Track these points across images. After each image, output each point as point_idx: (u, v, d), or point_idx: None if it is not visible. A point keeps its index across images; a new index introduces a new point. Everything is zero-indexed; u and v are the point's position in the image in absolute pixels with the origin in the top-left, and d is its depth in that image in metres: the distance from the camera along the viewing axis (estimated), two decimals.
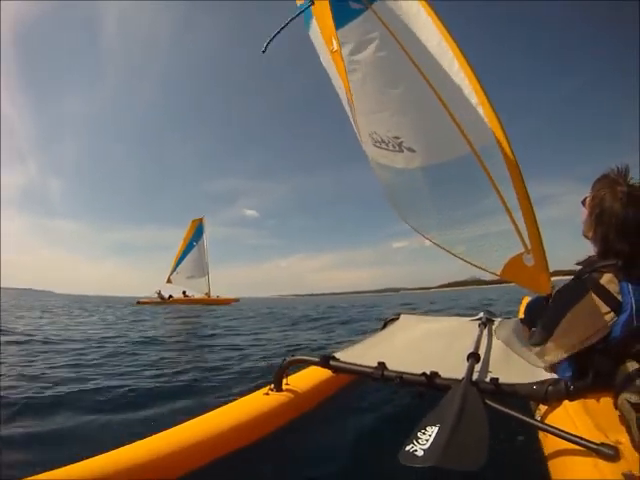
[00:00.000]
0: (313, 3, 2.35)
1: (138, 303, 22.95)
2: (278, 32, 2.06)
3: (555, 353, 1.43)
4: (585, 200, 1.59)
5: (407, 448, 0.95)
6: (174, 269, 28.02)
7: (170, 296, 25.22)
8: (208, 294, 26.55)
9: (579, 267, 1.58)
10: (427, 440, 0.96)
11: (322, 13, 2.44)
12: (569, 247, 1.78)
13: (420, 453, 0.91)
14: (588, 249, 1.61)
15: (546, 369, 1.50)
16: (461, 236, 2.70)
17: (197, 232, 28.39)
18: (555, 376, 1.42)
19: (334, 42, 2.40)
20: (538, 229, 2.05)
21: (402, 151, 2.85)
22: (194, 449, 1.35)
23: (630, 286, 1.34)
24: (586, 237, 1.62)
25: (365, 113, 2.85)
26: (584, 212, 1.60)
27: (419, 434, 1.00)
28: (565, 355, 1.41)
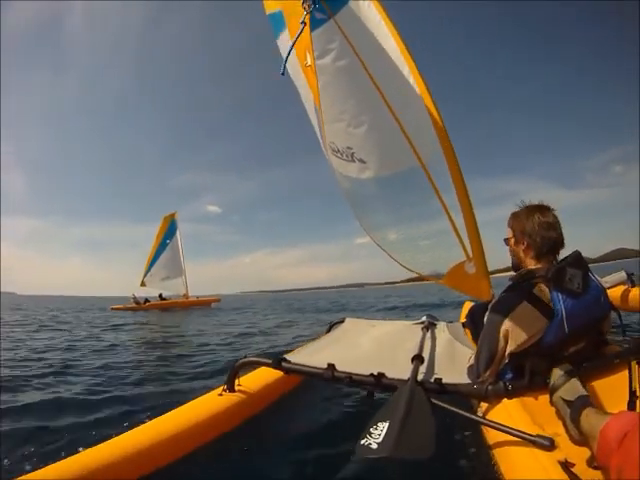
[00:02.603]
0: (305, 24, 2.29)
1: (112, 309, 20.56)
2: (290, 51, 2.03)
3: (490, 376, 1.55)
4: (507, 240, 1.81)
5: (362, 442, 1.00)
6: (147, 271, 25.43)
7: (146, 300, 22.69)
8: (186, 295, 24.44)
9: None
10: (379, 434, 1.02)
11: (298, 27, 2.45)
12: None
13: (374, 446, 0.97)
14: None
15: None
16: (407, 245, 2.81)
17: (170, 229, 25.77)
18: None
19: (308, 57, 2.41)
20: (479, 239, 2.18)
21: (354, 161, 2.92)
22: (153, 450, 1.35)
23: (560, 295, 1.47)
24: (514, 257, 1.81)
25: (326, 122, 2.89)
26: (508, 249, 1.82)
27: (371, 429, 1.06)
28: (502, 365, 1.55)
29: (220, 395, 1.79)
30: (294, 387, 2.17)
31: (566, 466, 0.98)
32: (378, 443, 0.98)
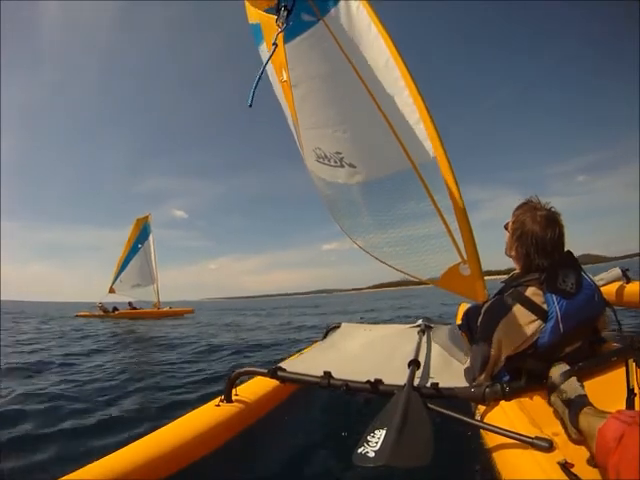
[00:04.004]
0: (276, 45, 2.25)
1: (77, 316, 19.73)
2: (257, 81, 2.01)
3: (486, 379, 1.55)
4: (507, 225, 1.77)
5: (359, 450, 0.99)
6: (117, 276, 23.85)
7: (115, 308, 21.50)
8: (157, 305, 22.88)
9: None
10: (377, 442, 1.01)
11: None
12: (499, 246, 1.96)
13: (371, 454, 0.97)
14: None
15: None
16: (399, 249, 2.79)
17: (142, 233, 24.17)
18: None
19: (284, 73, 2.37)
20: (474, 240, 2.18)
21: (343, 166, 2.90)
22: (152, 464, 1.34)
23: (554, 296, 1.48)
24: (509, 256, 1.79)
25: (309, 128, 2.88)
26: (506, 234, 1.78)
27: (368, 437, 1.05)
28: (498, 368, 1.55)
29: (217, 406, 1.78)
30: (291, 395, 2.16)
31: (565, 467, 0.98)
32: (375, 451, 0.98)
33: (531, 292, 1.53)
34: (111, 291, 23.50)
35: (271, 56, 2.19)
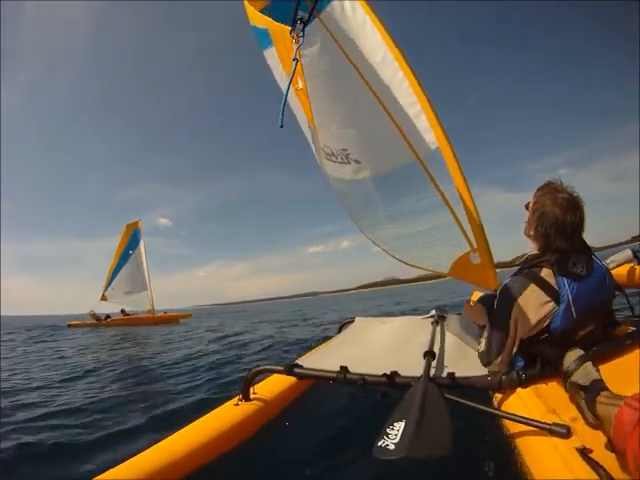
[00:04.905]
0: (297, 61, 2.23)
1: (69, 326, 19.43)
2: (284, 102, 1.97)
3: (503, 362, 1.56)
4: (528, 204, 1.76)
5: (379, 443, 1.01)
6: (109, 284, 23.50)
7: (107, 316, 21.29)
8: (152, 311, 22.25)
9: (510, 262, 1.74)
10: (396, 435, 1.02)
11: (285, 49, 2.39)
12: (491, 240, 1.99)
13: (392, 447, 0.98)
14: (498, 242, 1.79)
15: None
16: (409, 242, 2.80)
17: (133, 239, 23.82)
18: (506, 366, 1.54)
19: (299, 81, 2.34)
20: (482, 228, 2.16)
21: (349, 163, 2.90)
22: (176, 464, 1.38)
23: (565, 279, 1.49)
24: (527, 235, 1.79)
25: (319, 127, 2.89)
26: (527, 214, 1.78)
27: (388, 430, 1.06)
28: (513, 352, 1.55)
29: (236, 405, 1.81)
30: (308, 390, 2.19)
31: (584, 452, 0.99)
32: (395, 444, 0.99)
33: (545, 273, 1.54)
34: (103, 299, 23.31)
35: (294, 71, 2.20)
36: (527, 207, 1.77)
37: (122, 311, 22.14)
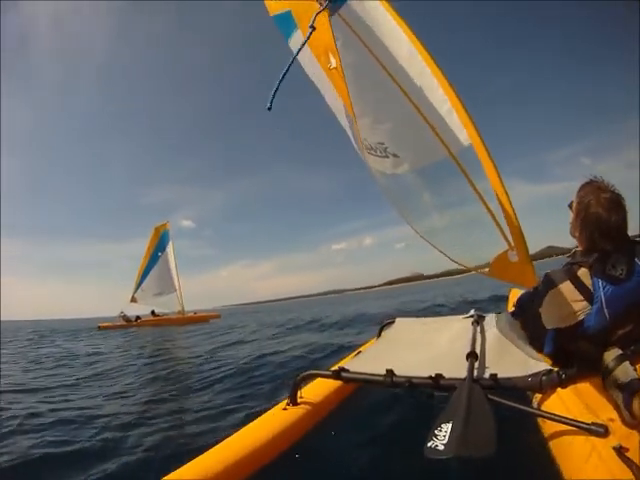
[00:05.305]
0: (314, 29, 2.19)
1: (99, 328, 19.36)
2: (280, 81, 1.94)
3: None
4: (572, 204, 1.74)
5: (429, 444, 1.07)
6: (138, 286, 23.84)
7: (137, 317, 21.61)
8: (182, 312, 22.70)
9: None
10: (444, 436, 1.08)
11: (318, 24, 2.30)
12: None
13: (441, 447, 1.04)
14: None
15: (539, 360, 1.65)
16: (450, 238, 2.81)
17: (161, 241, 24.14)
18: (547, 367, 1.55)
19: (332, 58, 2.32)
20: (519, 226, 2.13)
21: (388, 157, 2.92)
22: (236, 465, 1.45)
23: (601, 282, 1.49)
24: (572, 236, 1.78)
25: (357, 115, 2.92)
26: (570, 215, 1.76)
27: (436, 431, 1.12)
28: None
29: (284, 409, 1.88)
30: (352, 393, 2.24)
31: (620, 451, 1.02)
32: (444, 444, 1.04)
33: (582, 273, 1.54)
34: (133, 300, 23.68)
35: (308, 38, 2.16)
36: (570, 207, 1.75)
37: (152, 312, 22.42)
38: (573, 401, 1.36)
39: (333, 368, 1.99)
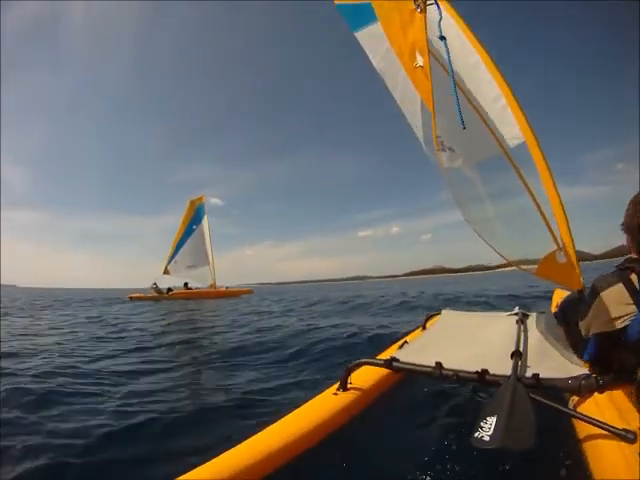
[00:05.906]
0: (444, 38, 2.29)
1: (130, 299, 19.28)
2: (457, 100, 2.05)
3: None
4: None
5: (476, 435, 1.20)
6: (172, 257, 23.88)
7: (169, 289, 21.26)
8: (213, 285, 23.25)
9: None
10: (489, 428, 1.21)
11: (393, 21, 2.42)
12: None
13: (487, 438, 1.17)
14: None
15: (579, 364, 1.74)
16: (502, 236, 2.85)
17: (197, 214, 24.35)
18: (586, 371, 1.63)
19: (419, 57, 2.35)
20: (569, 227, 2.17)
21: (445, 150, 2.97)
22: (280, 450, 1.53)
23: None
24: (628, 247, 1.81)
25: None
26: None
27: (482, 423, 1.24)
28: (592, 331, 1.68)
29: (335, 394, 1.99)
30: (398, 382, 2.33)
31: None
32: (490, 436, 1.16)
33: (633, 278, 1.58)
34: (166, 272, 23.74)
35: (448, 50, 2.19)
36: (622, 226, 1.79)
37: (185, 285, 22.72)
38: (608, 407, 1.45)
39: (382, 356, 2.13)
